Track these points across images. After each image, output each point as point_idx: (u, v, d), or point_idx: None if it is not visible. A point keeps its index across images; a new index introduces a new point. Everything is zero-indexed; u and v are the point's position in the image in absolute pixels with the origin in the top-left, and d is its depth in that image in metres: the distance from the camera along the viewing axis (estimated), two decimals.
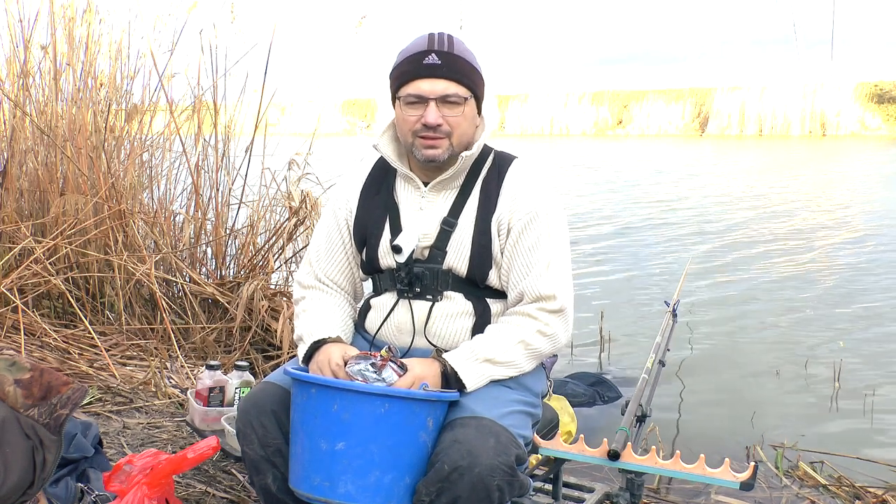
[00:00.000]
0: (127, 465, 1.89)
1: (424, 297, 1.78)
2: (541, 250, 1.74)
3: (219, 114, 4.24)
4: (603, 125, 56.21)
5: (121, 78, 4.38)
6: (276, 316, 3.63)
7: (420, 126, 1.73)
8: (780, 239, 9.30)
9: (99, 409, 2.96)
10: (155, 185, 4.50)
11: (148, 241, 4.21)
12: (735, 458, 2.53)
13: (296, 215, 3.93)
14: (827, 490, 2.88)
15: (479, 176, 1.82)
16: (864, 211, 12.01)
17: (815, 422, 3.80)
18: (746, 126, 50.38)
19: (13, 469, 1.70)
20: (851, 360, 4.55)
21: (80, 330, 3.70)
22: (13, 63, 4.21)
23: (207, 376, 2.62)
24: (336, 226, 1.92)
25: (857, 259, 7.94)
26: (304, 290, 1.93)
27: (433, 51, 1.71)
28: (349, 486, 1.53)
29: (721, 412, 3.90)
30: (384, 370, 1.62)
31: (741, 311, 5.91)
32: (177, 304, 4.00)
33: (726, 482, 1.73)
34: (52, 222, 3.95)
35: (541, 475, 2.04)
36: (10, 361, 1.80)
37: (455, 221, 1.78)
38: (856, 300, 6.21)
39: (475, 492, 1.50)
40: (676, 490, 2.81)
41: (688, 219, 11.16)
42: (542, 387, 1.87)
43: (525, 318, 1.73)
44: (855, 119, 48.20)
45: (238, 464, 2.47)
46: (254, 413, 1.71)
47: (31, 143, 4.21)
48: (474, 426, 1.56)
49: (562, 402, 2.68)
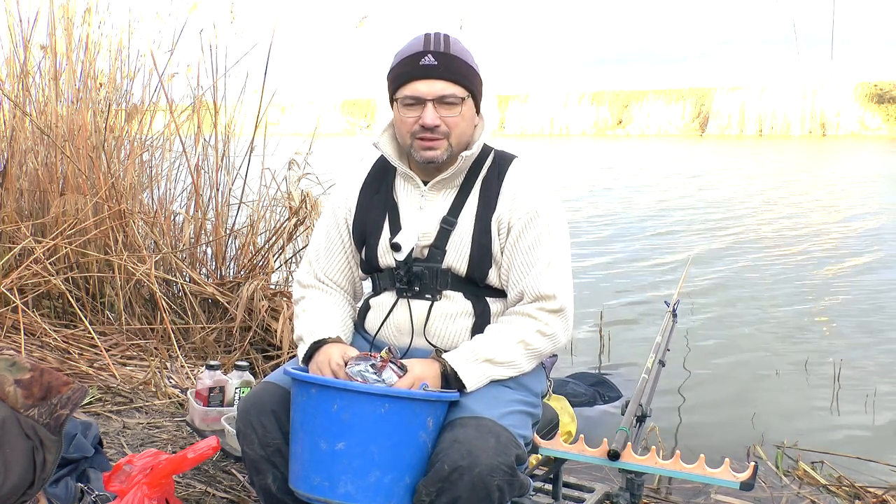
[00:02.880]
0: (127, 465, 1.89)
1: (424, 297, 1.78)
2: (541, 250, 1.74)
3: (219, 114, 4.24)
4: (603, 125, 56.24)
5: (121, 78, 4.39)
6: (276, 316, 3.63)
7: (418, 127, 1.72)
8: (781, 239, 9.30)
9: (99, 409, 2.96)
10: (155, 185, 4.50)
11: (148, 241, 4.21)
12: (735, 458, 2.52)
13: (296, 215, 3.93)
14: (827, 490, 2.88)
15: (479, 175, 1.81)
16: (864, 211, 12.01)
17: (815, 422, 3.80)
18: (746, 126, 50.42)
19: (13, 469, 1.70)
20: (851, 359, 4.55)
21: (80, 330, 3.70)
22: (13, 63, 4.21)
23: (207, 376, 2.62)
24: (335, 225, 1.91)
25: (858, 259, 7.94)
26: (304, 289, 1.93)
27: (429, 51, 1.71)
28: (349, 486, 1.53)
29: (721, 412, 3.90)
30: (384, 371, 1.62)
31: (741, 310, 5.91)
32: (177, 304, 4.00)
33: (726, 482, 1.73)
34: (52, 222, 3.96)
35: (541, 475, 2.04)
36: (11, 361, 1.80)
37: (455, 220, 1.78)
38: (856, 300, 6.21)
39: (475, 492, 1.50)
40: (676, 490, 2.81)
41: (688, 218, 11.16)
42: (542, 387, 1.87)
43: (525, 317, 1.72)
44: (855, 119, 48.23)
45: (238, 464, 2.47)
46: (254, 413, 1.71)
47: (31, 143, 4.21)
48: (474, 426, 1.56)
49: (562, 402, 2.68)
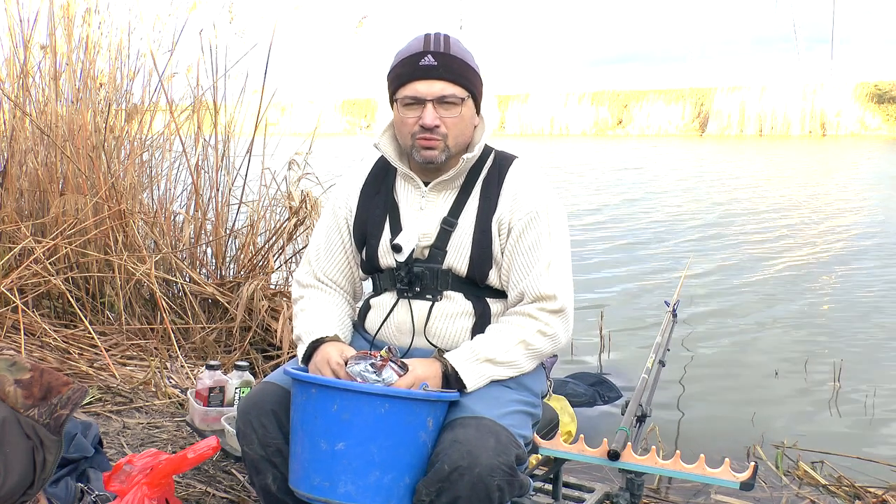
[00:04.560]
0: (127, 465, 1.89)
1: (424, 297, 1.78)
2: (541, 250, 1.74)
3: (219, 114, 4.24)
4: (603, 125, 56.22)
5: (121, 78, 4.39)
6: (276, 316, 3.63)
7: (418, 128, 1.72)
8: (781, 239, 9.30)
9: (99, 409, 2.96)
10: (155, 185, 4.50)
11: (148, 241, 4.21)
12: (735, 458, 2.52)
13: (296, 215, 3.93)
14: (827, 490, 2.88)
15: (480, 176, 1.81)
16: (865, 211, 12.01)
17: (815, 421, 3.80)
18: (746, 126, 50.39)
19: (13, 469, 1.70)
20: (851, 359, 4.55)
21: (80, 330, 3.70)
22: (13, 63, 4.21)
23: (207, 376, 2.61)
24: (336, 225, 1.91)
25: (859, 259, 7.94)
26: (303, 289, 1.92)
27: (429, 52, 1.71)
28: (349, 486, 1.53)
29: (721, 412, 3.90)
30: (384, 371, 1.62)
31: (741, 310, 5.90)
32: (177, 304, 4.00)
33: (726, 482, 1.73)
34: (52, 222, 3.95)
35: (541, 475, 2.04)
36: (11, 361, 1.80)
37: (455, 221, 1.78)
38: (856, 300, 6.21)
39: (475, 492, 1.50)
40: (676, 490, 2.81)
41: (688, 218, 11.16)
42: (542, 387, 1.87)
43: (525, 318, 1.72)
44: (855, 119, 48.20)
45: (238, 464, 2.47)
46: (254, 413, 1.71)
47: (31, 143, 4.21)
48: (474, 426, 1.56)
49: (562, 402, 2.68)
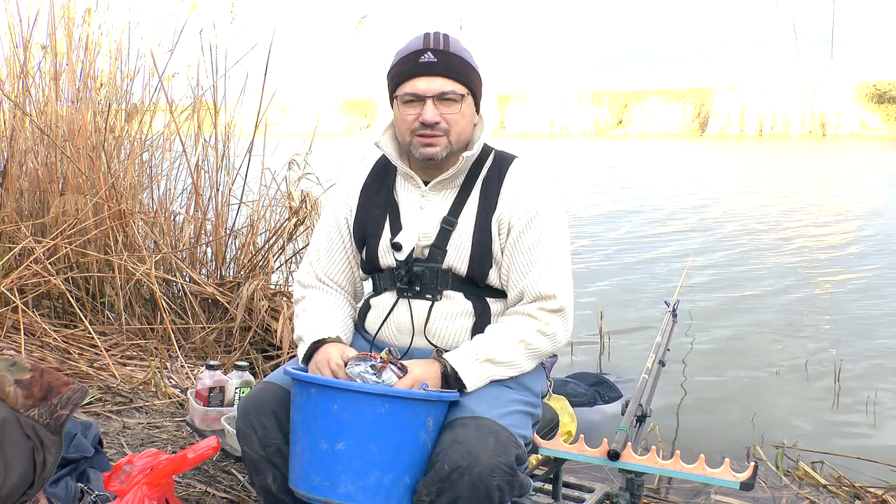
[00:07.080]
0: (127, 465, 1.89)
1: (424, 297, 1.78)
2: (541, 250, 1.74)
3: (219, 114, 4.24)
4: (603, 125, 56.26)
5: (121, 78, 4.39)
6: (276, 316, 3.63)
7: (418, 125, 1.73)
8: (781, 239, 9.30)
9: (99, 409, 2.96)
10: (155, 185, 4.50)
11: (148, 241, 4.21)
12: (735, 458, 2.52)
13: (296, 215, 3.93)
14: (827, 490, 2.88)
15: (480, 175, 1.81)
16: (865, 212, 12.01)
17: (815, 422, 3.80)
18: (746, 126, 50.42)
19: (13, 469, 1.70)
20: (851, 359, 4.55)
21: (80, 330, 3.70)
22: (13, 63, 4.21)
23: (207, 376, 2.61)
24: (336, 225, 1.91)
25: (859, 259, 7.94)
26: (304, 289, 1.92)
27: (429, 49, 1.71)
28: (349, 486, 1.53)
29: (721, 412, 3.90)
30: (384, 372, 1.62)
31: (741, 310, 5.90)
32: (177, 304, 4.00)
33: (726, 482, 1.73)
34: (52, 222, 3.95)
35: (541, 475, 2.04)
36: (11, 362, 1.80)
37: (455, 221, 1.78)
38: (856, 300, 6.21)
39: (475, 492, 1.50)
40: (676, 490, 2.81)
41: (688, 218, 11.16)
42: (542, 387, 1.87)
43: (525, 317, 1.72)
44: (855, 119, 48.24)
45: (238, 464, 2.47)
46: (254, 413, 1.71)
47: (31, 143, 4.21)
48: (474, 426, 1.56)
49: (562, 402, 2.68)
